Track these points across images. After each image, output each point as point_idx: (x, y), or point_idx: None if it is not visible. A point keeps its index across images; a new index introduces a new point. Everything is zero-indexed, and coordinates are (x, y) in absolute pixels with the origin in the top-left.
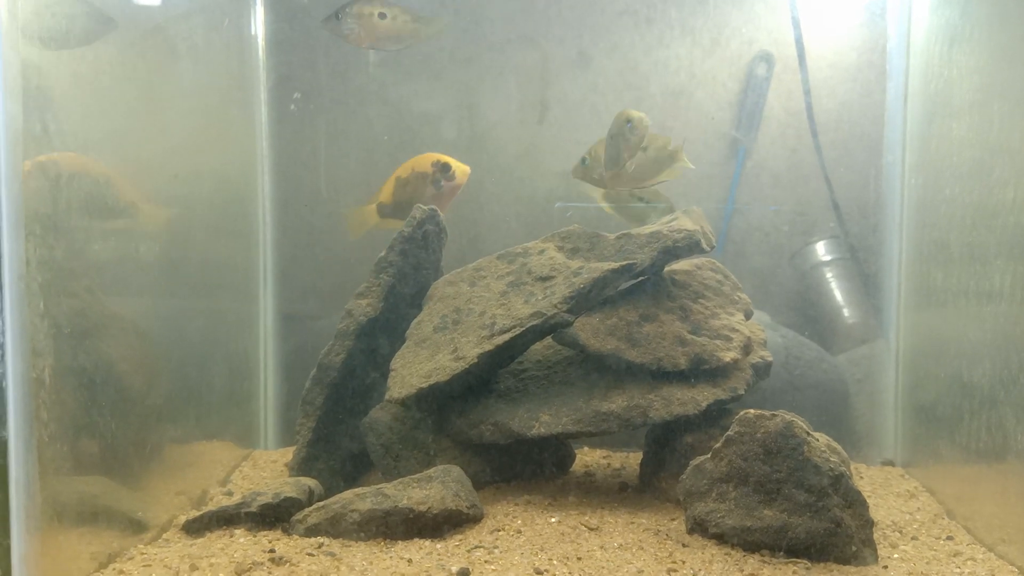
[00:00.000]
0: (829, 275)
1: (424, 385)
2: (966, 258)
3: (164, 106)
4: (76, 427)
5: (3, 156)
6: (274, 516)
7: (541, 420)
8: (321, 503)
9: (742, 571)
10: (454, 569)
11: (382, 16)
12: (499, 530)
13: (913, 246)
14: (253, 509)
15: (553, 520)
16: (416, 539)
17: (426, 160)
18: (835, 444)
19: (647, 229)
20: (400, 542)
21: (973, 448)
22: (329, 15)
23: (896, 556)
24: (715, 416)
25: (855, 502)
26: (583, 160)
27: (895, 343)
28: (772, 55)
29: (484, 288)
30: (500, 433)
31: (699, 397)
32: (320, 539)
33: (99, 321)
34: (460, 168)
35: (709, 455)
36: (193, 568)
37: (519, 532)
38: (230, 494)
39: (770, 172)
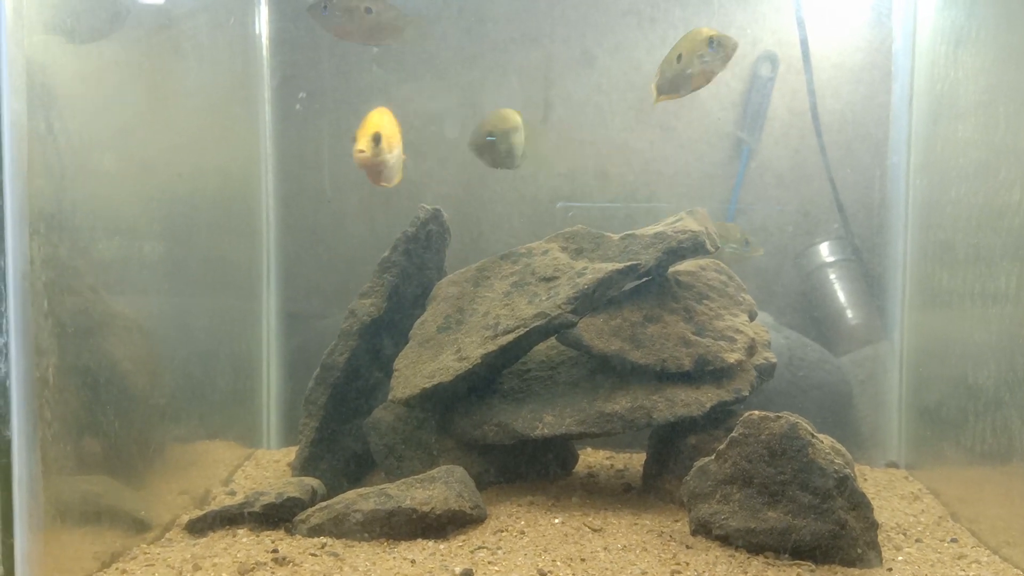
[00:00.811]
0: (833, 276)
1: (427, 385)
2: (971, 259)
3: (168, 104)
4: (79, 426)
5: (7, 154)
6: (277, 516)
7: (545, 421)
8: (324, 503)
9: (746, 573)
10: (457, 570)
11: (368, 11)
12: (502, 531)
13: (918, 247)
14: (256, 509)
15: (556, 521)
16: (419, 540)
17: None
18: (839, 446)
19: (651, 229)
20: (403, 542)
21: (978, 450)
22: (315, 3)
23: (900, 559)
24: (719, 418)
25: (860, 504)
26: (489, 135)
27: (899, 344)
28: (776, 55)
29: (488, 288)
30: (503, 434)
31: (703, 398)
32: (323, 539)
33: (102, 320)
34: None
35: (713, 456)
36: (196, 568)
37: (522, 533)
38: (233, 494)
39: (774, 173)
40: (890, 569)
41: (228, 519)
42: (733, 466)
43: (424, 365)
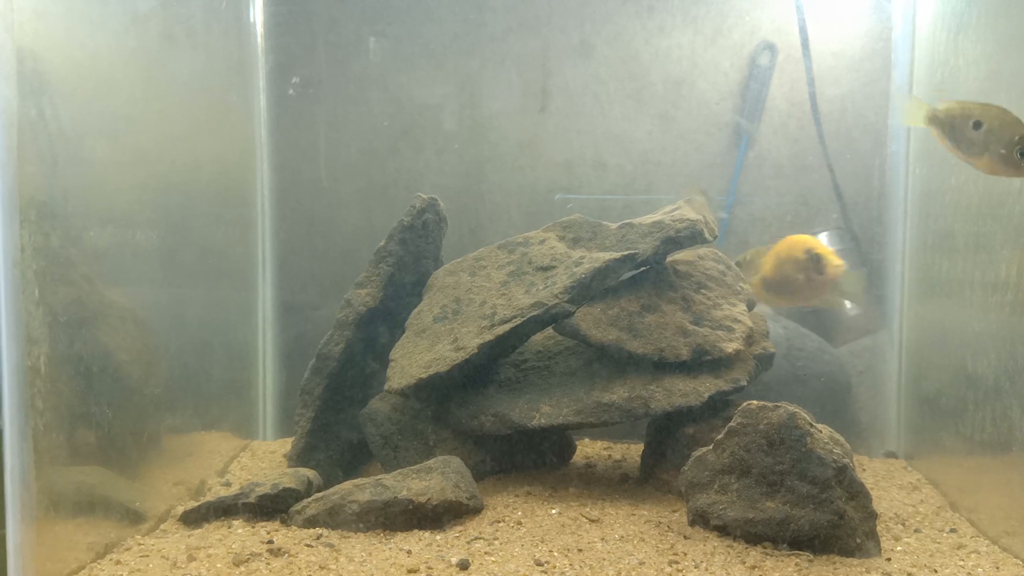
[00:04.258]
0: None
1: (424, 375)
2: (971, 248)
3: (162, 92)
4: (73, 416)
5: None
6: (272, 507)
7: (542, 411)
8: (320, 494)
9: (744, 563)
10: (454, 560)
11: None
12: (499, 521)
13: (918, 236)
14: (251, 500)
15: (553, 511)
16: (415, 530)
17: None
18: (838, 436)
19: (649, 219)
20: (399, 533)
21: (977, 440)
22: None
23: (899, 549)
24: (717, 407)
25: (858, 494)
26: None
27: (898, 334)
28: (775, 44)
29: (484, 278)
30: (500, 424)
31: (701, 388)
32: (319, 530)
33: (96, 310)
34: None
35: (711, 446)
36: (191, 559)
37: (519, 523)
38: (228, 484)
39: (772, 162)
40: (889, 559)
41: (223, 510)
42: (731, 456)
43: (420, 355)
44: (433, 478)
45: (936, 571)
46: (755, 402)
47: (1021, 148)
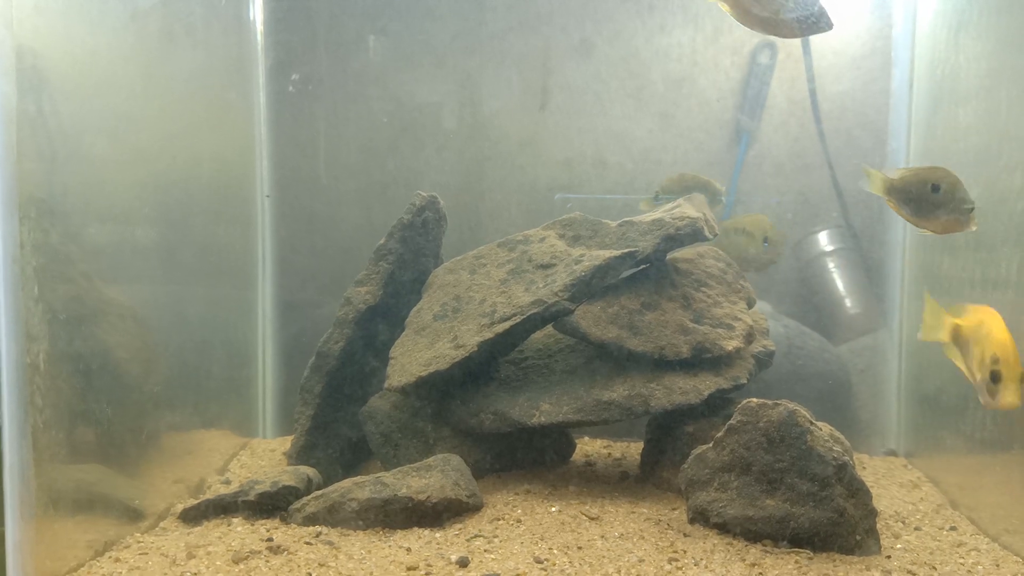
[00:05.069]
0: (831, 265)
1: (424, 373)
2: (972, 246)
3: (161, 89)
4: (72, 414)
5: None
6: (272, 505)
7: (542, 409)
8: (320, 492)
9: (744, 561)
10: (453, 558)
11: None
12: (499, 519)
13: (918, 234)
14: (251, 498)
15: (553, 509)
16: (415, 528)
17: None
18: (838, 433)
19: (649, 216)
20: (399, 531)
21: (977, 438)
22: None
23: (899, 546)
24: (717, 405)
25: (858, 491)
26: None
27: (898, 332)
28: (775, 42)
29: (484, 276)
30: (500, 422)
31: (701, 386)
32: (318, 528)
33: (96, 307)
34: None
35: (711, 444)
36: (190, 556)
37: (519, 521)
38: (228, 482)
39: (773, 161)
40: (889, 556)
41: (223, 508)
42: (731, 454)
43: (420, 353)
44: (433, 476)
45: (936, 568)
46: (755, 400)
47: (971, 205)
